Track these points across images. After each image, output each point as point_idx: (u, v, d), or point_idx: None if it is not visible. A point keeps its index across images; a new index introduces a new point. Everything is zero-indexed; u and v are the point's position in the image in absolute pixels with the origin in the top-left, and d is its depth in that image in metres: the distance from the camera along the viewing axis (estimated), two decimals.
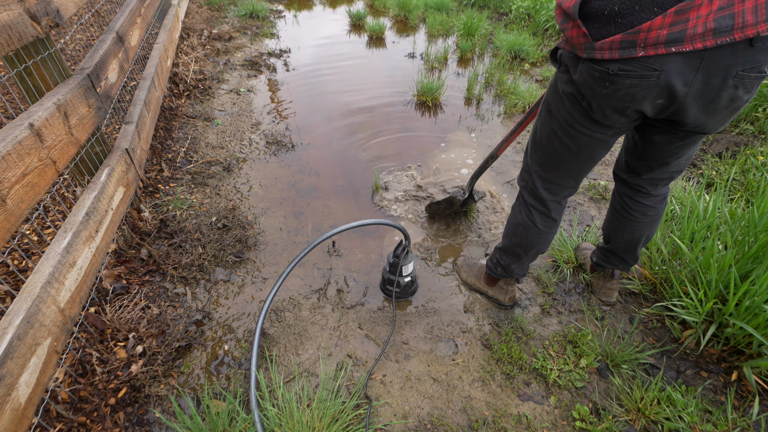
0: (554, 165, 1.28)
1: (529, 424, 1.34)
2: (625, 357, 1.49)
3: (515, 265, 1.55)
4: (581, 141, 1.17)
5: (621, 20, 0.91)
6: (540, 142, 1.28)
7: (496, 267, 1.63)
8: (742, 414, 1.35)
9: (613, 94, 0.99)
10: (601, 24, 0.93)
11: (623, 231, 1.45)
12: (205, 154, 2.60)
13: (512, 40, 4.21)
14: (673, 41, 0.87)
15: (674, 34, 0.86)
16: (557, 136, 1.21)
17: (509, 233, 1.50)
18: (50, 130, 1.23)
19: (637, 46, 0.89)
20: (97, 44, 1.78)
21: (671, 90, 0.95)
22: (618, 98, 1.00)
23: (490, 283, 1.73)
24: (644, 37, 0.88)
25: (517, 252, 1.50)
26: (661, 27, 0.86)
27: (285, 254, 1.97)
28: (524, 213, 1.42)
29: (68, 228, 1.27)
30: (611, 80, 0.97)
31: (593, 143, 1.17)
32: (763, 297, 1.36)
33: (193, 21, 4.67)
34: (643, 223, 1.40)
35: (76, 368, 1.36)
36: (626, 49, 0.91)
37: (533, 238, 1.43)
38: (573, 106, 1.12)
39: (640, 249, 1.50)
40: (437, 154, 2.77)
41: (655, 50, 0.89)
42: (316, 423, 1.24)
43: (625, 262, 1.58)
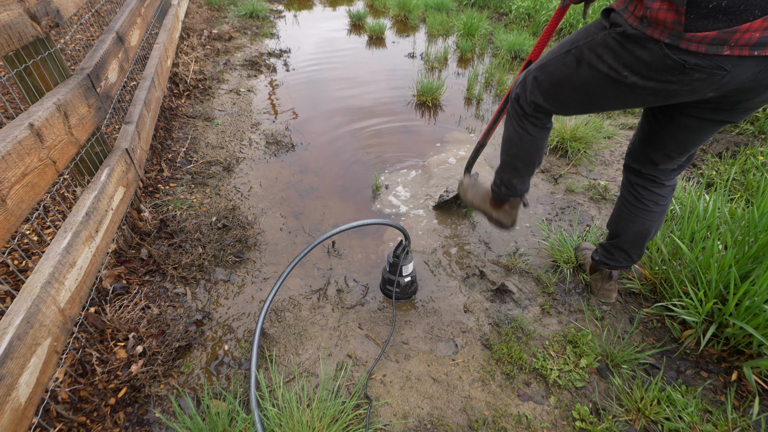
0: (555, 101, 1.31)
1: (529, 424, 1.34)
2: (625, 357, 1.49)
3: (516, 179, 1.58)
4: (596, 99, 1.20)
5: (723, 17, 0.89)
6: (552, 78, 1.28)
7: (500, 188, 1.65)
8: (742, 414, 1.35)
9: (676, 82, 1.01)
10: (699, 16, 0.91)
11: (634, 222, 1.45)
12: (205, 154, 2.60)
13: (512, 40, 4.21)
14: (760, 45, 0.89)
15: (764, 38, 0.88)
16: (572, 84, 1.22)
17: (506, 148, 1.54)
18: (50, 130, 1.23)
19: (727, 45, 0.90)
20: (97, 44, 1.78)
21: (726, 87, 0.99)
22: (677, 85, 1.02)
23: (496, 206, 1.75)
24: (738, 37, 0.89)
25: (515, 165, 1.53)
26: (757, 29, 0.87)
27: (285, 254, 1.97)
28: (516, 125, 1.46)
29: (68, 228, 1.27)
30: (683, 71, 0.97)
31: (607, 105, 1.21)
32: (763, 297, 1.36)
33: (193, 21, 4.67)
34: (655, 212, 1.42)
35: (76, 368, 1.36)
36: (715, 46, 0.91)
37: (529, 146, 1.46)
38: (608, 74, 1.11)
39: (646, 243, 1.51)
40: (437, 154, 2.77)
41: (740, 51, 0.90)
42: (316, 423, 1.24)
43: (630, 258, 1.57)
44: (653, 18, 0.97)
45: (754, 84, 0.99)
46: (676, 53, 0.96)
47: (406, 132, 3.01)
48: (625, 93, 1.12)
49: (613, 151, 2.81)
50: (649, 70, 1.03)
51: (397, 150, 2.79)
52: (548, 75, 1.28)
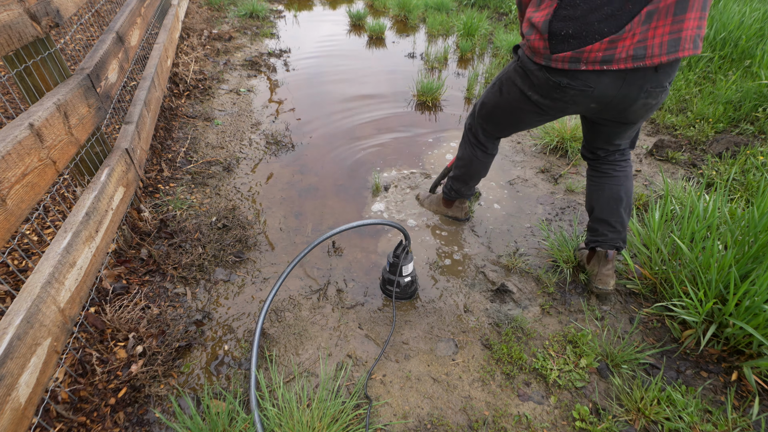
0: (493, 124, 1.73)
1: (529, 424, 1.34)
2: (625, 357, 1.49)
3: (464, 188, 2.03)
4: (518, 116, 1.59)
5: (573, 41, 1.25)
6: (487, 106, 1.70)
7: (450, 191, 2.09)
8: (742, 414, 1.35)
9: (561, 98, 1.39)
10: (558, 41, 1.28)
11: (602, 190, 1.67)
12: (205, 154, 2.60)
13: (512, 40, 4.21)
14: (606, 61, 1.24)
15: (606, 56, 1.23)
16: (501, 108, 1.62)
17: (458, 165, 1.97)
18: (50, 130, 1.23)
19: (581, 62, 1.26)
20: (97, 44, 1.78)
21: (601, 99, 1.35)
22: (563, 102, 1.40)
23: (448, 205, 2.17)
24: (587, 56, 1.25)
25: (465, 179, 1.99)
26: (598, 50, 1.23)
27: (285, 254, 1.97)
28: (468, 149, 1.88)
29: (68, 228, 1.27)
30: (561, 90, 1.35)
31: (528, 120, 1.60)
32: (763, 297, 1.36)
33: (193, 21, 4.67)
34: (617, 177, 1.64)
35: (76, 368, 1.36)
36: (574, 63, 1.27)
37: (477, 167, 1.91)
38: (520, 96, 1.50)
39: (624, 210, 1.65)
40: (437, 154, 2.77)
41: (593, 66, 1.26)
42: (316, 423, 1.24)
43: (612, 228, 1.64)
44: (533, 47, 1.34)
45: (622, 97, 1.33)
46: (554, 75, 1.33)
47: (406, 132, 3.01)
48: (536, 108, 1.49)
49: None
50: (542, 89, 1.40)
51: (397, 150, 2.79)
52: (484, 105, 1.71)
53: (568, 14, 1.24)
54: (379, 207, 2.30)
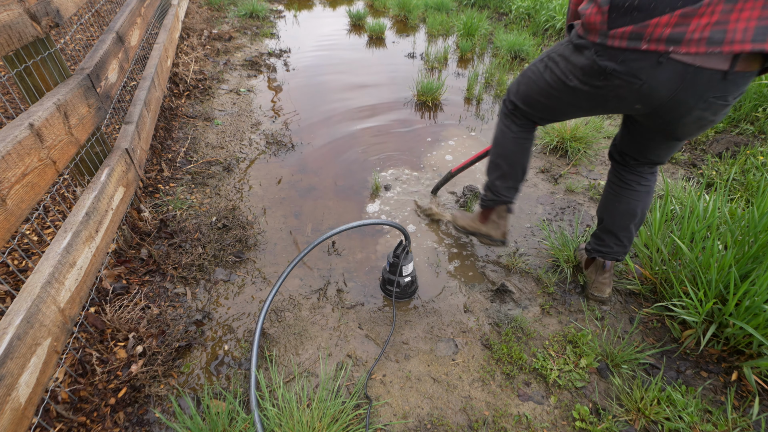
0: (528, 100, 1.49)
1: (529, 424, 1.34)
2: (625, 357, 1.49)
3: (499, 181, 1.68)
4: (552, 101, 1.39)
5: (637, 14, 1.02)
6: (526, 77, 1.48)
7: (486, 193, 1.76)
8: (742, 414, 1.35)
9: (602, 87, 1.19)
10: (619, 14, 1.05)
11: (620, 201, 1.54)
12: (205, 154, 2.60)
13: (512, 40, 4.21)
14: (673, 41, 1.00)
15: (675, 34, 0.99)
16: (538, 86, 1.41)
17: (493, 147, 1.68)
18: (50, 130, 1.23)
19: (644, 39, 1.02)
20: (97, 44, 1.78)
21: (649, 100, 1.13)
22: (604, 93, 1.20)
23: (484, 220, 1.82)
24: (651, 31, 1.01)
25: (499, 163, 1.66)
26: (666, 25, 0.99)
27: (285, 254, 1.97)
28: (501, 122, 1.63)
29: (68, 228, 1.27)
30: (605, 77, 1.14)
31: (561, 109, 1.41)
32: (763, 297, 1.36)
33: (193, 21, 4.67)
34: (638, 192, 1.51)
35: (76, 368, 1.36)
36: (634, 40, 1.04)
37: (510, 144, 1.60)
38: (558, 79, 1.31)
39: (634, 226, 1.56)
40: (437, 154, 2.77)
41: (656, 46, 1.02)
42: (316, 423, 1.24)
43: (620, 242, 1.60)
44: (588, 23, 1.14)
45: (675, 104, 1.10)
46: (602, 59, 1.12)
47: (406, 132, 3.01)
48: (572, 96, 1.31)
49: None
50: (584, 74, 1.21)
51: (397, 150, 2.79)
52: (525, 78, 1.48)
53: None
54: (379, 207, 2.30)
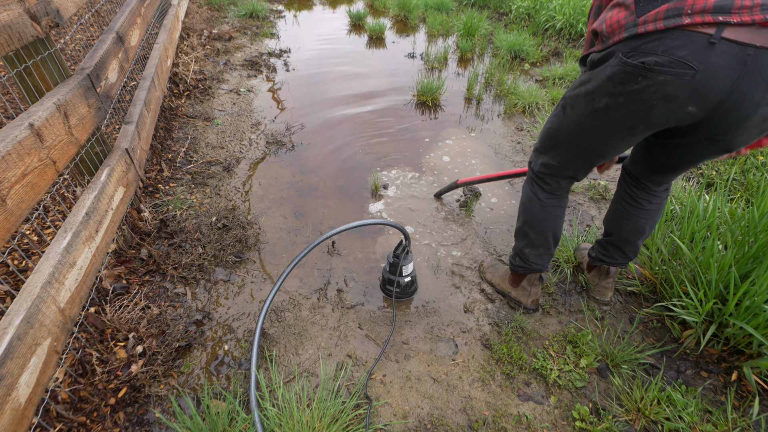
0: (555, 154, 1.33)
1: (529, 424, 1.34)
2: (625, 357, 1.49)
3: (528, 249, 1.54)
4: (583, 139, 1.21)
5: None
6: (548, 132, 1.32)
7: (514, 258, 1.63)
8: (742, 414, 1.35)
9: (644, 90, 0.95)
10: (647, 2, 0.92)
11: (629, 219, 1.46)
12: (205, 154, 2.60)
13: (512, 40, 4.21)
14: (721, 9, 0.82)
15: (722, 2, 0.82)
16: (564, 132, 1.25)
17: (519, 212, 1.54)
18: (50, 130, 1.23)
19: (684, 14, 0.86)
20: (97, 44, 1.78)
21: (705, 98, 0.91)
22: (646, 100, 0.96)
23: (514, 284, 1.70)
24: (692, 2, 0.85)
25: (526, 231, 1.51)
26: None
27: (285, 254, 1.97)
28: (528, 188, 1.48)
29: (68, 228, 1.27)
30: (645, 75, 0.93)
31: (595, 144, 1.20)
32: (763, 297, 1.36)
33: (193, 21, 4.67)
34: (649, 210, 1.42)
35: (76, 368, 1.36)
36: (672, 18, 0.87)
37: (537, 212, 1.45)
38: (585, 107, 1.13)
39: (641, 241, 1.51)
40: (437, 154, 2.77)
41: (702, 17, 0.84)
42: (316, 423, 1.24)
43: (625, 255, 1.57)
44: (610, 26, 0.99)
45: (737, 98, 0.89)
46: (635, 56, 0.93)
47: (406, 132, 3.01)
48: (605, 121, 1.09)
49: None
50: (614, 84, 1.00)
51: (397, 150, 2.79)
52: (547, 131, 1.33)
53: None
54: (379, 207, 2.30)
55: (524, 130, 3.06)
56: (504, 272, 1.78)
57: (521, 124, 3.13)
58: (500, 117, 3.24)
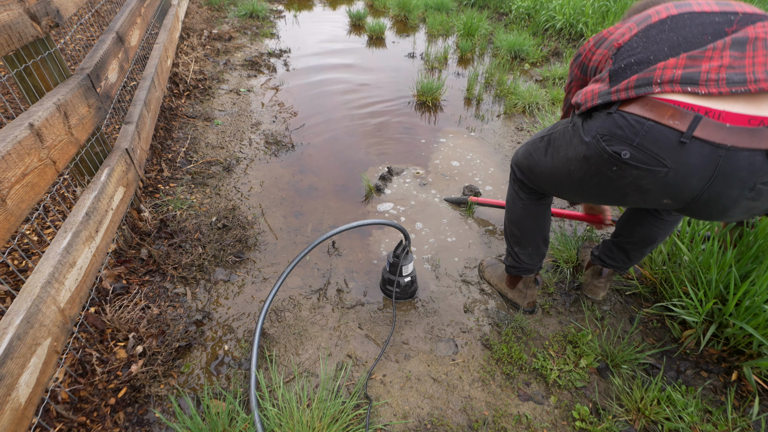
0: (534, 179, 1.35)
1: (529, 424, 1.34)
2: (625, 357, 1.49)
3: (518, 248, 1.56)
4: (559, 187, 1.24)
5: (637, 66, 0.93)
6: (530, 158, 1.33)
7: (507, 258, 1.65)
8: (742, 414, 1.35)
9: (618, 179, 0.98)
10: (619, 76, 0.96)
11: (642, 225, 1.44)
12: (205, 154, 2.60)
13: (512, 40, 4.21)
14: (689, 81, 0.85)
15: (689, 74, 0.85)
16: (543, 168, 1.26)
17: (506, 211, 1.56)
18: (50, 130, 1.23)
19: (653, 84, 0.88)
20: (97, 44, 1.78)
21: (680, 193, 0.92)
22: (622, 185, 0.99)
23: (511, 285, 1.72)
24: (660, 73, 0.88)
25: (512, 230, 1.54)
26: (675, 66, 0.87)
27: (285, 254, 1.97)
28: (511, 186, 1.49)
29: (68, 228, 1.27)
30: (620, 166, 0.95)
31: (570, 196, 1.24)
32: (763, 297, 1.36)
33: (193, 21, 4.67)
34: (666, 221, 1.41)
35: (76, 368, 1.36)
36: (642, 87, 0.90)
37: (521, 211, 1.46)
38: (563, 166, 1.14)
39: (649, 250, 1.51)
40: (437, 154, 2.77)
41: (672, 87, 0.86)
42: (316, 423, 1.24)
43: (628, 260, 1.57)
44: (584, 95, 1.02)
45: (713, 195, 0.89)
46: (611, 143, 0.94)
47: (406, 132, 3.01)
48: (579, 188, 1.13)
49: None
50: (590, 165, 1.02)
51: (397, 150, 2.79)
52: (528, 155, 1.34)
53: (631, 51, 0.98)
54: (379, 207, 2.30)
55: (524, 130, 3.06)
56: (502, 272, 1.79)
57: (521, 124, 3.13)
58: (500, 117, 3.24)
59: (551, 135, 1.21)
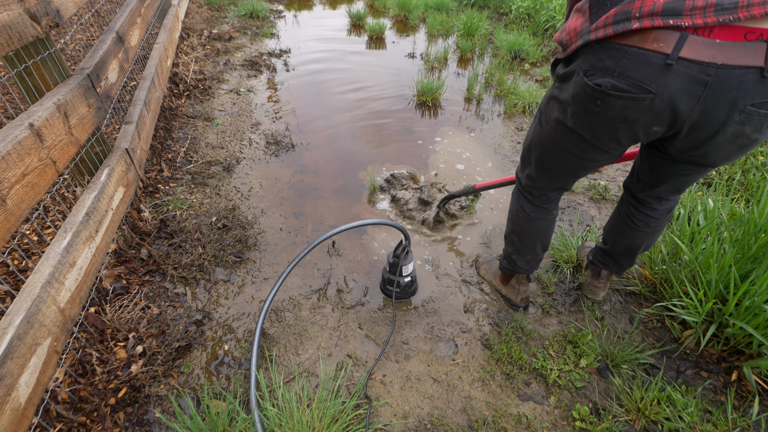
0: (537, 167, 1.31)
1: (529, 424, 1.34)
2: (625, 357, 1.49)
3: (516, 255, 1.57)
4: (561, 156, 1.19)
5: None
6: (528, 143, 1.32)
7: (503, 259, 1.67)
8: (742, 414, 1.35)
9: (604, 114, 0.95)
10: (599, 7, 0.89)
11: (623, 236, 1.47)
12: (205, 154, 2.60)
13: (512, 40, 4.21)
14: (671, 12, 0.77)
15: (671, 3, 0.77)
16: (542, 144, 1.23)
17: (508, 219, 1.56)
18: (50, 130, 1.23)
19: (632, 18, 0.82)
20: (97, 44, 1.78)
21: (667, 119, 0.89)
22: (609, 119, 0.95)
23: (504, 281, 1.74)
24: (639, 5, 0.81)
25: (513, 239, 1.53)
26: None
27: (285, 254, 1.97)
28: (515, 199, 1.49)
29: (68, 228, 1.27)
30: (604, 99, 0.92)
31: (573, 163, 1.19)
32: (763, 297, 1.36)
33: (193, 21, 4.67)
34: (645, 232, 1.41)
35: (76, 368, 1.36)
36: (620, 23, 0.83)
37: (524, 224, 1.45)
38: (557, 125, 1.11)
39: (637, 254, 1.51)
40: (437, 154, 2.77)
41: (651, 21, 0.80)
42: (316, 423, 1.24)
43: (620, 266, 1.59)
44: (568, 34, 0.97)
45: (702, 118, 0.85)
46: (593, 77, 0.91)
47: (406, 132, 3.01)
48: (576, 139, 1.09)
49: None
50: (578, 105, 0.98)
51: (397, 150, 2.79)
52: (528, 143, 1.31)
53: None
54: (379, 207, 2.30)
55: (524, 130, 3.06)
56: (496, 269, 1.81)
57: (521, 124, 3.13)
58: (500, 117, 3.24)
59: (540, 109, 1.21)
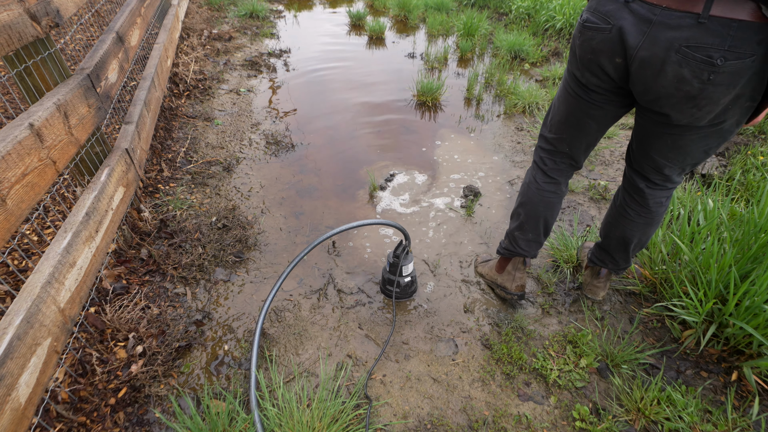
0: (551, 126, 1.41)
1: (529, 424, 1.34)
2: (625, 357, 1.49)
3: (518, 232, 1.59)
4: (570, 102, 1.30)
5: None
6: (552, 102, 1.44)
7: (504, 240, 1.70)
8: (742, 414, 1.35)
9: (582, 45, 1.13)
10: None
11: (616, 227, 1.49)
12: (205, 154, 2.60)
13: (512, 40, 4.21)
14: None
15: None
16: (559, 96, 1.36)
17: (519, 193, 1.59)
18: (50, 130, 1.23)
19: None
20: (97, 44, 1.78)
21: (622, 50, 1.03)
22: (588, 58, 1.13)
23: (500, 270, 1.73)
24: None
25: (519, 212, 1.57)
26: None
27: (285, 254, 1.97)
28: (529, 172, 1.55)
29: (68, 228, 1.27)
30: (583, 33, 1.11)
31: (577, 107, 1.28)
32: (763, 297, 1.36)
33: (193, 21, 4.67)
34: (637, 223, 1.42)
35: (76, 368, 1.36)
36: None
37: (533, 195, 1.50)
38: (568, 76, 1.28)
39: (631, 251, 1.52)
40: (436, 154, 2.77)
41: None
42: (316, 423, 1.24)
43: (616, 262, 1.59)
44: None
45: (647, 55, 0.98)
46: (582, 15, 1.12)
47: (406, 132, 3.01)
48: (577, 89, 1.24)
49: (613, 151, 2.81)
50: (573, 41, 1.18)
51: (397, 150, 2.79)
52: (551, 103, 1.44)
53: None
54: (379, 206, 2.30)
55: (524, 130, 3.06)
56: (493, 263, 1.82)
57: (521, 124, 3.13)
58: (500, 117, 3.24)
59: None
